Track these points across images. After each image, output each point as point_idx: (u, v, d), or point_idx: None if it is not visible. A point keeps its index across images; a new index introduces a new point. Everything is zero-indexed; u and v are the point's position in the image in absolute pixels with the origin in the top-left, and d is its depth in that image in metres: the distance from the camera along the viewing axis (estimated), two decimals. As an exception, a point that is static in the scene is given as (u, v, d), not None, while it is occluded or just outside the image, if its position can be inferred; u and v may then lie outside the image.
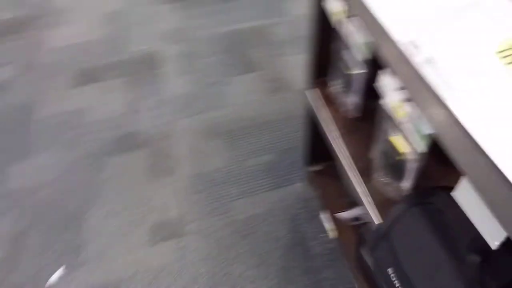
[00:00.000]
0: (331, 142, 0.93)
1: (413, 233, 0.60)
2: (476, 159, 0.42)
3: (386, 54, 0.57)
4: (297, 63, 1.77)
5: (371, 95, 0.89)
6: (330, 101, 0.98)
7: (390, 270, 0.62)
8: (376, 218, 0.78)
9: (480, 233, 0.47)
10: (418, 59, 0.47)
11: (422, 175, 0.71)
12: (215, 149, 1.49)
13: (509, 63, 0.39)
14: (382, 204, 0.78)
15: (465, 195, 0.49)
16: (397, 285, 0.61)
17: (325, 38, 0.91)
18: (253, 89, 1.69)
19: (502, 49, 0.40)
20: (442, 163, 0.78)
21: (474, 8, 0.45)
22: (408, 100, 0.59)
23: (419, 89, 0.48)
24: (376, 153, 0.80)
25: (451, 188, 0.66)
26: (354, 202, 1.12)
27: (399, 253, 0.61)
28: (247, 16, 2.04)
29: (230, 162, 1.45)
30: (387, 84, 0.63)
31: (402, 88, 0.60)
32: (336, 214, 1.15)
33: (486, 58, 0.41)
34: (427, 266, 0.57)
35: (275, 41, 1.89)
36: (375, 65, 0.81)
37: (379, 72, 0.83)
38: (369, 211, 0.79)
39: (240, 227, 1.29)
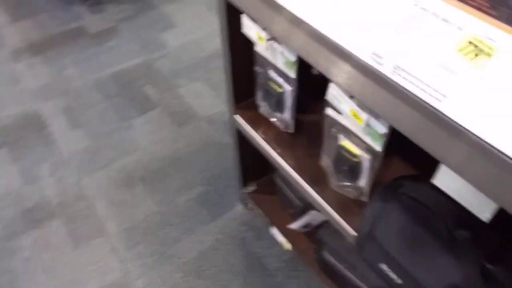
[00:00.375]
0: (274, 160, 0.96)
1: (397, 226, 0.66)
2: (458, 145, 0.48)
3: (337, 69, 0.62)
4: (195, 91, 1.77)
5: (301, 109, 0.96)
6: (260, 121, 1.01)
7: (384, 266, 0.67)
8: (339, 221, 0.82)
9: (469, 210, 0.54)
10: (385, 69, 0.53)
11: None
12: (138, 196, 1.41)
13: (473, 58, 0.46)
14: (343, 207, 0.84)
15: (445, 180, 0.55)
16: (394, 278, 0.66)
17: (246, 61, 0.94)
18: (158, 127, 1.64)
19: (463, 47, 0.47)
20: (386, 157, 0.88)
21: (421, 14, 0.53)
22: (365, 107, 0.65)
23: (388, 97, 0.54)
24: (327, 160, 0.85)
25: (412, 176, 0.75)
26: (299, 211, 1.17)
27: (389, 248, 0.66)
28: (127, 55, 1.97)
29: (160, 205, 1.38)
30: (338, 95, 0.68)
31: (353, 97, 0.66)
32: (285, 226, 1.19)
33: (451, 57, 0.48)
34: (420, 253, 0.63)
35: (165, 74, 1.86)
36: (302, 80, 0.87)
37: (309, 86, 0.90)
38: (331, 216, 0.84)
39: (191, 267, 1.24)
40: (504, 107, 0.44)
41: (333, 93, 0.69)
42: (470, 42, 0.48)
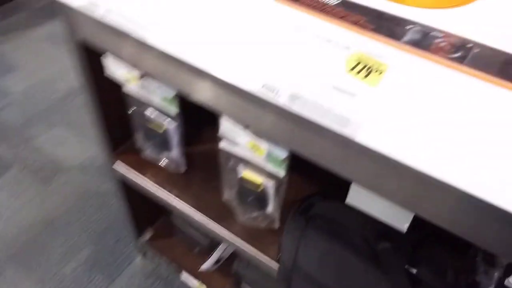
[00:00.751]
0: (170, 204, 0.87)
1: (319, 251, 0.63)
2: (369, 165, 0.47)
3: (227, 104, 0.57)
4: (57, 138, 1.56)
5: (189, 142, 0.88)
6: (146, 165, 0.91)
7: (315, 296, 0.64)
8: (256, 255, 0.77)
9: (387, 223, 0.53)
10: (282, 100, 0.49)
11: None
12: (11, 283, 1.17)
13: (365, 76, 0.45)
14: (257, 238, 0.79)
15: (358, 198, 0.54)
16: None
17: (116, 102, 0.83)
18: (19, 190, 1.39)
19: (353, 66, 0.46)
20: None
21: (304, 37, 0.50)
22: (264, 137, 0.61)
23: (290, 127, 0.51)
24: (229, 194, 0.79)
25: (319, 194, 0.73)
26: (207, 248, 1.10)
27: (317, 276, 0.63)
28: (-41, 112, 1.65)
29: (42, 284, 1.17)
30: (232, 129, 0.63)
31: (247, 128, 0.62)
32: (194, 268, 1.10)
33: (344, 79, 0.46)
34: (348, 275, 0.61)
35: (15, 126, 1.60)
36: (184, 112, 0.80)
37: (191, 115, 0.83)
38: (247, 251, 0.79)
39: None
40: (405, 121, 0.44)
41: (226, 127, 0.63)
42: (359, 60, 0.46)
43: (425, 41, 0.46)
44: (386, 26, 0.48)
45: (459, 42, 0.46)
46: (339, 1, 0.52)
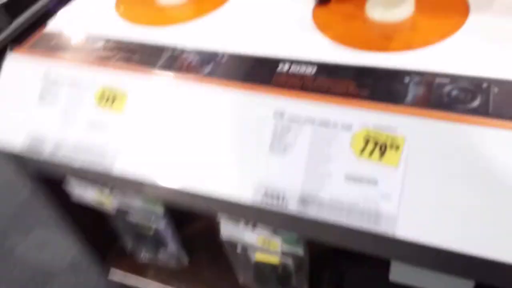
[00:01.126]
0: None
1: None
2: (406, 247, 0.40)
3: (224, 211, 0.49)
4: (38, 243, 1.43)
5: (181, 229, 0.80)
6: (145, 267, 0.82)
7: None
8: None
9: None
10: (291, 206, 0.41)
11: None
12: None
13: (381, 156, 0.38)
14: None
15: (403, 273, 0.47)
16: None
17: (94, 217, 0.75)
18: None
19: (362, 148, 0.39)
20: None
21: (291, 128, 0.43)
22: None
23: (308, 224, 0.43)
24: (246, 277, 0.71)
25: (347, 258, 0.66)
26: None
27: None
28: None
29: None
30: (233, 229, 0.55)
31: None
32: None
33: (357, 165, 0.39)
34: None
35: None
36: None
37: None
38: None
39: None
40: (445, 201, 0.36)
41: (228, 231, 0.56)
42: (367, 139, 0.39)
43: (434, 95, 0.39)
44: (381, 87, 0.41)
45: (472, 85, 0.39)
46: (315, 69, 0.44)
